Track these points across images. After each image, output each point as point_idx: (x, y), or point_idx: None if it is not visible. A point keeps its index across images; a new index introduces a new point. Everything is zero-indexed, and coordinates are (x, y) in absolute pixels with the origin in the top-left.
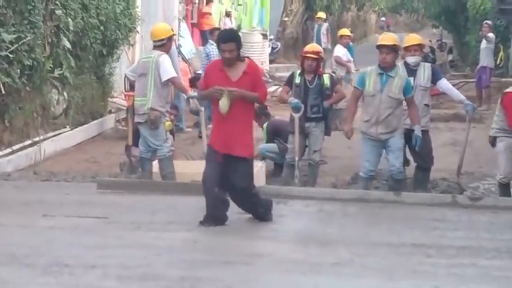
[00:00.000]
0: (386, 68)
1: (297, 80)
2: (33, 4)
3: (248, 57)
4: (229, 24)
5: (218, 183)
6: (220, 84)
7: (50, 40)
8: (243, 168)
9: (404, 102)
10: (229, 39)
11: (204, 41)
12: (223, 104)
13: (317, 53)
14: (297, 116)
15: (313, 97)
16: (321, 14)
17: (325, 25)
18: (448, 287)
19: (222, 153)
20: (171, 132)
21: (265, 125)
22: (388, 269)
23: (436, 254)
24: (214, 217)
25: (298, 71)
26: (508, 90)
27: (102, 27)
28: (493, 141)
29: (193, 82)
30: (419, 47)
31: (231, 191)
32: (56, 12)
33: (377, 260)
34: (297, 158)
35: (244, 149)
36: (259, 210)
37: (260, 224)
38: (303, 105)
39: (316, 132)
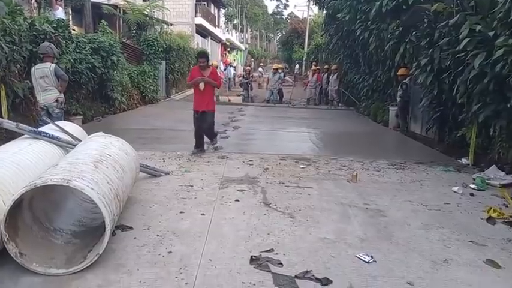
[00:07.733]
0: None
1: None
2: None
3: (212, 65)
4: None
5: (198, 126)
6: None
7: None
8: (208, 117)
9: None
10: (202, 55)
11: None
12: (202, 85)
13: None
14: None
15: None
16: None
17: None
18: None
19: (199, 110)
20: None
21: None
22: None
23: None
24: (198, 143)
25: None
26: None
27: None
28: None
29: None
30: None
31: (201, 129)
32: None
33: None
34: None
35: (209, 107)
36: (212, 137)
37: None
38: None
39: None
